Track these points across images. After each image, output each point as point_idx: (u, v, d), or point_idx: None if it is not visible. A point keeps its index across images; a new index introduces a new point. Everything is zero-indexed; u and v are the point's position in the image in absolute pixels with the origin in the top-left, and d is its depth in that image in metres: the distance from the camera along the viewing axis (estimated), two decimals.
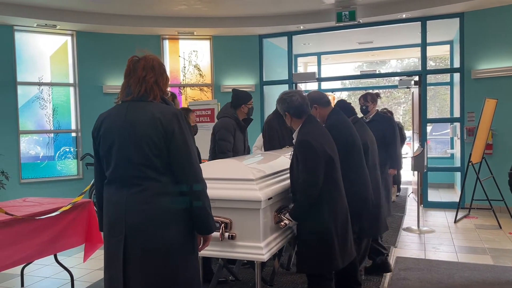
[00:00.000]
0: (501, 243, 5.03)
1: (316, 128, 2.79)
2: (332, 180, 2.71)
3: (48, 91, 7.30)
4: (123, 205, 1.92)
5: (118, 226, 1.93)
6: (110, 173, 1.99)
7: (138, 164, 1.91)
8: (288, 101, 2.81)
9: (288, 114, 2.84)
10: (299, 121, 2.81)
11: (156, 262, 1.92)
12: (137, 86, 1.99)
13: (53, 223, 3.37)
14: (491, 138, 6.61)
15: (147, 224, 1.91)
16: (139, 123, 1.92)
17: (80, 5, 6.65)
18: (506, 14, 6.52)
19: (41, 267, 4.34)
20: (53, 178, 7.22)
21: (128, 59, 2.05)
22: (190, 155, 1.95)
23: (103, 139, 1.99)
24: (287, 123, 2.91)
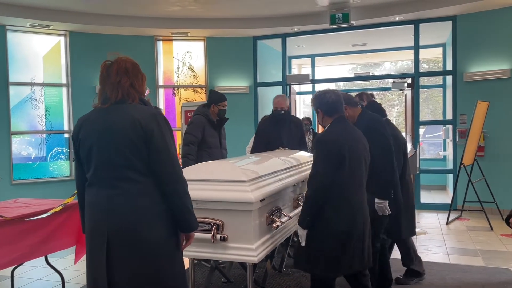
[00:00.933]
0: (493, 244, 5.06)
1: (343, 128, 2.73)
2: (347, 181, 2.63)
3: (40, 91, 7.26)
4: (104, 207, 1.93)
5: (100, 228, 1.93)
6: (91, 175, 1.99)
7: (119, 165, 1.93)
8: (321, 98, 2.79)
9: (320, 112, 2.80)
10: (330, 119, 2.77)
11: (140, 263, 1.93)
12: (113, 92, 1.99)
13: (44, 224, 3.34)
14: (483, 141, 6.66)
15: (129, 226, 1.92)
16: (119, 125, 1.94)
17: (73, 5, 6.62)
18: (498, 17, 6.58)
19: (31, 269, 4.31)
20: (45, 179, 7.18)
21: (101, 64, 2.05)
22: (170, 154, 1.97)
23: (83, 142, 2.01)
24: (318, 121, 2.88)
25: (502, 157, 6.59)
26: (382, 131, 3.09)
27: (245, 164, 3.25)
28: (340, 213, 2.61)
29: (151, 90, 7.86)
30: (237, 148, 7.29)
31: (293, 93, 8.55)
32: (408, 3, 6.78)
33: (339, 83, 11.67)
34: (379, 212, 3.04)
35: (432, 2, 6.63)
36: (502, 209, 6.25)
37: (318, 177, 2.60)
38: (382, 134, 3.07)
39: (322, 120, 2.81)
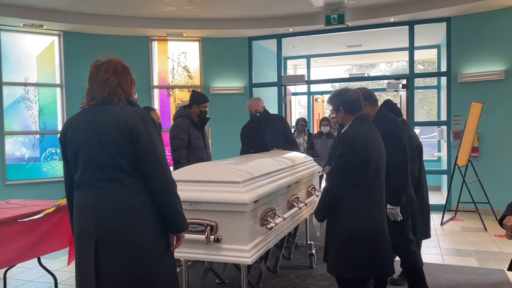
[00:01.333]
0: (486, 245, 5.08)
1: (367, 126, 2.69)
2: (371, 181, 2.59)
3: (34, 91, 7.21)
4: (91, 209, 1.92)
5: (88, 230, 1.92)
6: (78, 177, 1.98)
7: (106, 167, 1.91)
8: (343, 96, 2.74)
9: (342, 109, 2.73)
10: (351, 117, 2.71)
11: (129, 265, 1.92)
12: (100, 90, 1.98)
13: (37, 225, 3.31)
14: (477, 141, 6.69)
15: (116, 228, 1.91)
16: (105, 126, 1.93)
17: (68, 5, 6.58)
18: (492, 19, 6.61)
19: (24, 271, 4.27)
20: (38, 180, 7.13)
21: (91, 64, 2.04)
22: (157, 155, 1.96)
23: (70, 143, 1.99)
24: (338, 120, 2.81)
25: (496, 158, 6.62)
26: (399, 135, 3.05)
27: (239, 165, 3.25)
28: (364, 213, 2.56)
29: (146, 90, 7.83)
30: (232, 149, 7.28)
31: (288, 94, 8.55)
32: (402, 5, 6.80)
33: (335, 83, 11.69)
34: (391, 217, 3.02)
35: (427, 4, 6.65)
36: (496, 209, 6.28)
37: (339, 173, 2.57)
38: (399, 139, 3.03)
39: (343, 119, 2.75)
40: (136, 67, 7.64)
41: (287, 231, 3.33)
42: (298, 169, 3.70)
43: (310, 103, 10.88)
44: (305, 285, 3.76)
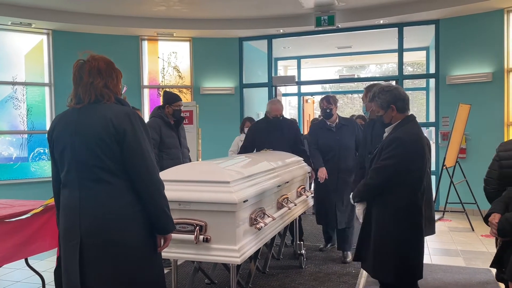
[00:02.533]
0: (474, 245, 5.14)
1: (418, 130, 2.64)
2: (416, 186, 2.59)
3: (22, 90, 7.13)
4: (76, 209, 1.90)
5: (73, 230, 1.90)
6: (64, 176, 1.97)
7: (91, 166, 1.89)
8: (395, 92, 2.64)
9: (393, 107, 2.62)
10: (401, 116, 2.63)
11: (114, 266, 1.90)
12: (86, 94, 1.94)
13: (24, 226, 3.28)
14: (464, 143, 6.77)
15: (101, 229, 1.88)
16: (91, 125, 1.90)
17: (57, 4, 6.53)
18: (480, 21, 6.70)
19: (11, 271, 4.23)
20: (26, 180, 7.06)
21: (74, 64, 1.99)
22: (144, 155, 1.92)
23: (56, 142, 1.98)
24: (385, 118, 2.69)
25: (483, 159, 6.66)
26: None
27: (229, 165, 3.25)
28: (409, 216, 2.55)
29: (136, 90, 7.79)
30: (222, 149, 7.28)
31: (278, 95, 8.57)
32: (392, 7, 6.86)
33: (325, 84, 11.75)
34: None
35: (416, 6, 6.72)
36: (483, 210, 6.35)
37: (382, 172, 2.54)
38: None
39: (392, 117, 2.65)
40: (126, 66, 7.65)
41: (276, 231, 3.33)
42: (288, 170, 3.72)
43: (300, 104, 10.92)
44: (294, 285, 3.77)
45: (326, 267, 4.23)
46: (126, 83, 7.56)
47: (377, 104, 2.69)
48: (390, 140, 2.56)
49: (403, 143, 2.52)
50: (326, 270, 4.12)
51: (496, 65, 6.60)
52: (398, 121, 2.63)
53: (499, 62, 6.58)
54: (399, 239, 2.56)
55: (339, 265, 4.27)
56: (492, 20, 6.60)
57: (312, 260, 4.42)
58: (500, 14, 6.52)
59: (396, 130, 2.61)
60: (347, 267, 4.19)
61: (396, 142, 2.53)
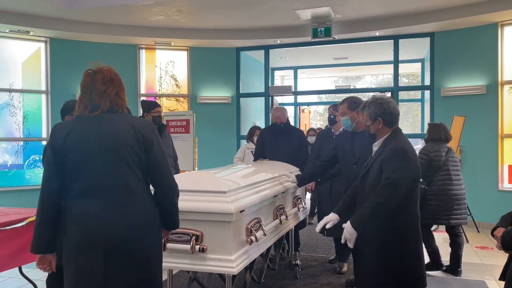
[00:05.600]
0: (468, 257, 5.15)
1: (408, 142, 2.60)
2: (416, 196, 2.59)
3: (19, 98, 7.13)
4: (100, 217, 1.90)
5: (96, 239, 1.89)
6: (78, 185, 1.93)
7: (119, 173, 1.94)
8: (385, 106, 2.60)
9: (380, 120, 2.60)
10: (388, 130, 2.61)
11: (137, 272, 1.95)
12: (102, 101, 1.98)
13: (19, 234, 3.27)
14: (459, 154, 6.81)
15: (128, 235, 1.92)
16: (120, 133, 1.96)
17: (55, 12, 6.56)
18: (474, 35, 6.79)
19: (5, 279, 4.19)
20: (21, 187, 7.02)
21: (84, 72, 2.04)
22: (167, 163, 2.09)
23: (71, 151, 1.93)
24: (371, 129, 2.66)
25: (478, 171, 6.75)
26: None
27: (225, 174, 3.26)
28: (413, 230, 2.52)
29: (133, 98, 7.80)
30: (219, 158, 7.30)
31: (275, 104, 8.62)
32: (388, 19, 6.95)
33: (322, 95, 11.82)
34: None
35: (411, 19, 6.81)
36: (478, 221, 6.40)
37: (396, 187, 2.41)
38: None
39: (378, 130, 2.63)
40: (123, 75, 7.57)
41: (272, 241, 3.34)
42: (284, 179, 3.73)
43: (296, 113, 10.97)
44: None
45: (321, 277, 4.22)
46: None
47: (366, 114, 2.67)
48: (393, 152, 2.49)
49: (407, 154, 2.49)
50: (321, 281, 4.12)
51: (490, 78, 6.68)
52: (386, 135, 2.61)
53: (493, 75, 6.66)
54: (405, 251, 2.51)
55: (334, 275, 4.26)
56: (486, 33, 6.70)
57: (307, 271, 4.42)
58: (494, 28, 6.62)
59: (388, 143, 2.57)
60: (342, 278, 4.19)
61: (401, 153, 2.49)
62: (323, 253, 5.15)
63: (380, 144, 2.62)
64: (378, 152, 2.60)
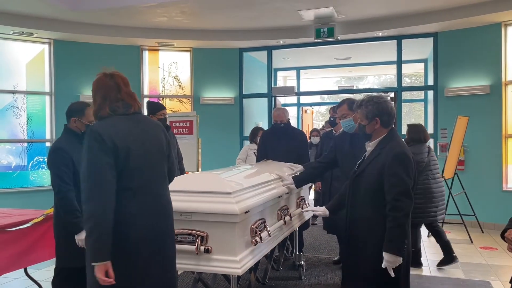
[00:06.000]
0: (472, 257, 5.14)
1: (404, 143, 2.54)
2: None
3: (23, 99, 7.15)
4: (160, 211, 2.10)
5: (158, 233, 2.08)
6: (140, 183, 2.02)
7: (163, 172, 2.18)
8: (383, 106, 2.51)
9: (378, 120, 2.51)
10: (384, 131, 2.53)
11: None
12: (132, 101, 2.11)
13: (25, 235, 3.29)
14: (463, 154, 6.81)
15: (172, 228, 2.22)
16: (156, 134, 2.16)
17: (58, 14, 6.58)
18: (478, 35, 6.78)
19: (10, 281, 4.20)
20: (25, 189, 7.04)
21: (99, 74, 2.09)
22: None
23: (134, 150, 1.99)
24: (367, 129, 2.56)
25: (482, 171, 6.73)
26: None
27: (230, 175, 3.26)
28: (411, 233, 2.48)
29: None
30: (222, 158, 7.30)
31: (278, 105, 8.62)
32: (391, 20, 6.94)
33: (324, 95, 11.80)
34: None
35: (414, 19, 6.80)
36: (482, 221, 6.39)
37: (407, 195, 2.34)
38: None
39: (374, 130, 2.54)
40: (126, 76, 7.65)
41: (277, 242, 3.34)
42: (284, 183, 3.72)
43: (299, 114, 10.97)
44: None
45: (325, 278, 4.22)
46: None
47: (362, 113, 2.56)
48: (397, 158, 2.40)
49: (410, 158, 2.44)
50: (325, 282, 4.12)
51: (493, 78, 6.66)
52: (383, 135, 2.53)
53: (496, 75, 6.64)
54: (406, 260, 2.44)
55: (338, 276, 4.26)
56: (489, 33, 6.68)
57: (311, 271, 4.42)
58: (498, 28, 6.61)
59: (385, 145, 2.49)
60: None
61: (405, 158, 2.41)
62: (327, 253, 5.15)
63: (376, 144, 2.54)
64: (374, 153, 2.52)
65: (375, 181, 2.42)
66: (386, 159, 2.41)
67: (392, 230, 2.31)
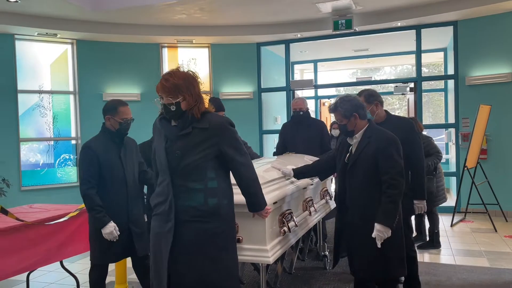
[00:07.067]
0: (497, 246, 5.13)
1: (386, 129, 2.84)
2: None
3: (48, 99, 7.36)
4: None
5: None
6: None
7: None
8: (355, 102, 2.80)
9: (356, 115, 2.77)
10: (364, 122, 2.81)
11: None
12: None
13: (60, 229, 3.43)
14: (485, 143, 6.75)
15: None
16: None
17: (80, 14, 6.74)
18: (498, 22, 6.69)
19: (45, 273, 4.38)
20: (53, 185, 7.26)
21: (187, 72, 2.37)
22: None
23: None
24: (348, 126, 2.79)
25: (505, 160, 6.67)
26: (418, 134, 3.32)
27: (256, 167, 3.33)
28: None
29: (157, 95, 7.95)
30: None
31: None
32: (409, 9, 6.89)
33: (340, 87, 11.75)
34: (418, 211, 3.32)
35: (434, 8, 6.73)
36: (506, 210, 6.34)
37: (402, 175, 2.64)
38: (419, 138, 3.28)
39: (356, 124, 2.79)
40: (146, 73, 7.84)
41: (303, 232, 3.41)
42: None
43: (317, 107, 10.97)
44: (319, 285, 3.84)
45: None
46: (147, 90, 7.75)
47: (339, 114, 2.81)
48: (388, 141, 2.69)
49: (398, 140, 2.72)
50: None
51: None
52: (365, 126, 2.79)
53: None
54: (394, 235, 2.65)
55: None
56: (510, 20, 6.58)
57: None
58: None
59: (371, 133, 2.75)
60: None
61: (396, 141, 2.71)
62: None
63: (361, 136, 2.78)
64: (363, 143, 2.75)
65: (371, 165, 2.69)
66: (378, 144, 2.69)
67: (386, 205, 2.60)
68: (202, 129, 2.24)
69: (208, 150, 2.21)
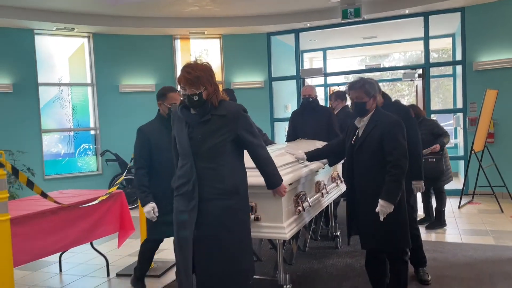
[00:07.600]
0: (503, 225, 5.33)
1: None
2: None
3: (67, 91, 7.65)
4: None
5: None
6: None
7: None
8: (376, 86, 2.96)
9: (376, 97, 2.95)
10: (374, 106, 2.97)
11: None
12: None
13: (92, 212, 3.70)
14: (492, 127, 6.89)
15: None
16: None
17: (97, 9, 6.97)
18: (506, 7, 6.77)
19: (74, 254, 4.68)
20: (74, 174, 7.58)
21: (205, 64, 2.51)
22: None
23: None
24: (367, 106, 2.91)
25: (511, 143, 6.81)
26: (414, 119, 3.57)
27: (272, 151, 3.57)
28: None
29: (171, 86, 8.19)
30: None
31: None
32: None
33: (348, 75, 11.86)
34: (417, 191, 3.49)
35: None
36: None
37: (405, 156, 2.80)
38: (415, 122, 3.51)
39: (372, 106, 2.94)
40: (161, 64, 8.09)
41: (316, 212, 3.65)
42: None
43: (327, 94, 11.13)
44: (332, 263, 4.09)
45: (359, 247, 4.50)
46: (162, 81, 7.99)
47: (362, 91, 2.91)
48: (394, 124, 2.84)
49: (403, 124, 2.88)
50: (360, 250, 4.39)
51: None
52: (373, 110, 2.94)
53: None
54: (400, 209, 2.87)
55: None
56: None
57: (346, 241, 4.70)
58: None
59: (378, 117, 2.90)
60: None
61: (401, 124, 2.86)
62: None
63: (369, 119, 2.93)
64: (370, 125, 2.90)
65: (377, 147, 2.84)
66: (385, 127, 2.84)
67: (390, 183, 2.76)
68: (220, 116, 2.44)
69: (226, 135, 2.43)
